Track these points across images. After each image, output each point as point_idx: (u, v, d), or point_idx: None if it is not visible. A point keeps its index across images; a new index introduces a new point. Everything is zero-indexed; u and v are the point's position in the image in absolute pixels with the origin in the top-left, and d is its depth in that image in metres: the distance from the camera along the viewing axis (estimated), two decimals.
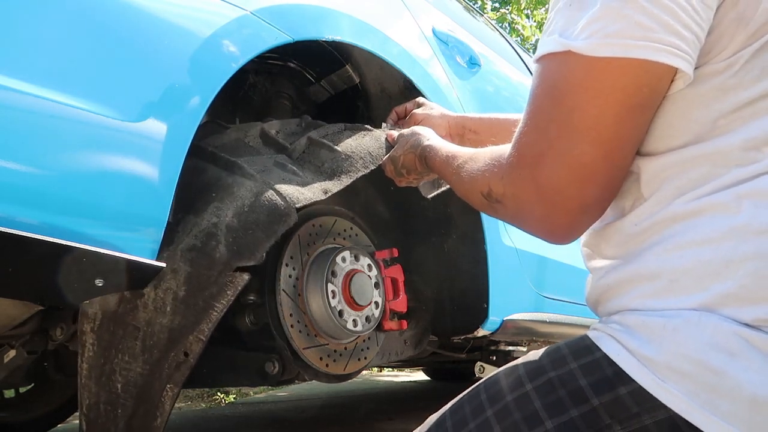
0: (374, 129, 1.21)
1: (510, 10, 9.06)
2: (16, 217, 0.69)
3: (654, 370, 0.53)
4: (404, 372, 4.96)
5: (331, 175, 1.08)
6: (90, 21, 0.78)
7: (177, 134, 0.84)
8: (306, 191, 1.01)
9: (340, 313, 1.16)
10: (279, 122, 1.16)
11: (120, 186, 0.78)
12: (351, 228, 1.31)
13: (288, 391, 3.63)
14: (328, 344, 1.19)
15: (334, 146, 1.10)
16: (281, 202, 0.96)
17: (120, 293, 0.87)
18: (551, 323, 1.78)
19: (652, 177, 0.60)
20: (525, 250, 1.64)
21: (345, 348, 1.23)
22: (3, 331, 1.08)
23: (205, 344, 0.90)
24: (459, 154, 0.86)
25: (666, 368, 0.53)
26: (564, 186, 0.58)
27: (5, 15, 0.71)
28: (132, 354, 0.89)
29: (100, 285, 0.78)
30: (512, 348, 1.91)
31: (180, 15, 0.89)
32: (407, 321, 1.37)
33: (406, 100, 1.33)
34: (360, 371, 1.28)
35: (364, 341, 1.28)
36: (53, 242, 0.71)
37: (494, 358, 1.93)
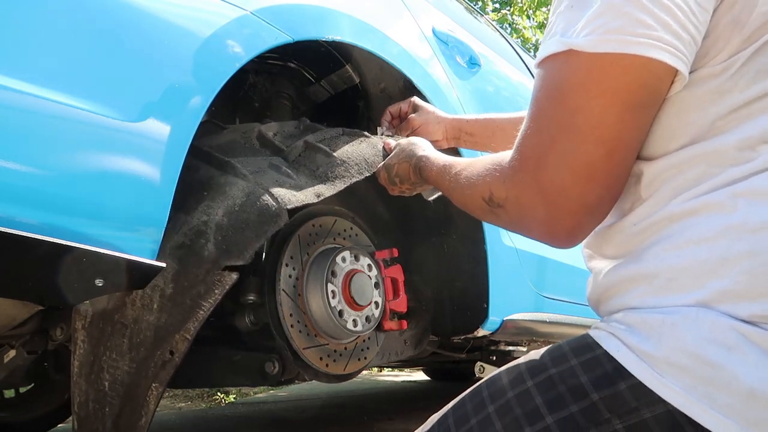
0: (372, 136, 1.21)
1: (511, 12, 9.06)
2: (16, 217, 0.69)
3: (653, 365, 0.54)
4: (404, 372, 4.96)
5: (325, 180, 1.08)
6: (90, 21, 0.78)
7: (177, 134, 0.84)
8: (298, 194, 1.01)
9: (340, 313, 1.16)
10: (277, 124, 1.16)
11: (120, 186, 0.78)
12: (351, 228, 1.31)
13: (288, 391, 3.63)
14: (328, 344, 1.19)
15: (330, 151, 1.10)
16: (272, 203, 0.95)
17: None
18: (551, 323, 1.78)
19: (652, 179, 0.61)
20: (525, 250, 1.64)
21: (345, 348, 1.23)
22: (3, 331, 1.08)
23: (191, 343, 0.89)
24: (456, 163, 0.87)
25: (664, 363, 0.53)
26: (567, 187, 0.58)
27: (5, 15, 0.71)
28: (119, 352, 0.89)
29: (100, 285, 0.78)
30: (512, 348, 1.91)
31: (180, 15, 0.89)
32: (407, 321, 1.38)
33: None
34: (360, 371, 1.28)
35: (364, 341, 1.28)
36: (53, 242, 0.71)
37: (494, 358, 1.93)
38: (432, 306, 1.52)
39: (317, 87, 1.43)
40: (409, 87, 1.36)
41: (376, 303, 1.24)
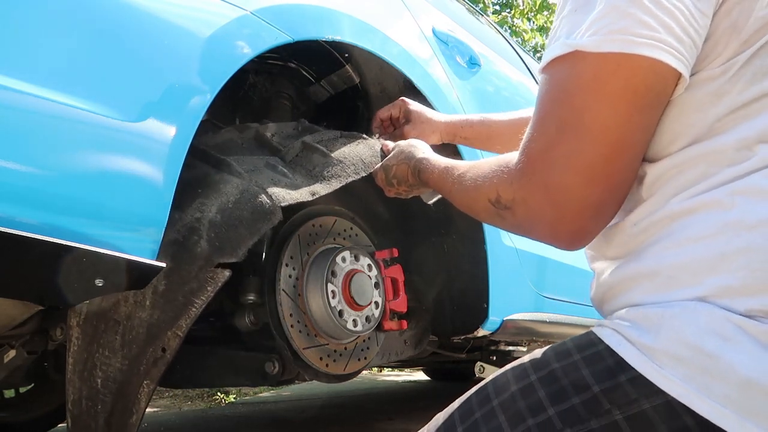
0: (370, 138, 1.21)
1: (512, 14, 9.05)
2: (16, 217, 0.69)
3: (652, 357, 0.55)
4: (404, 372, 4.97)
5: (321, 179, 1.07)
6: (90, 21, 0.78)
7: (177, 134, 0.84)
8: (293, 192, 1.01)
9: (340, 313, 1.16)
10: (275, 125, 1.16)
11: (120, 186, 0.78)
12: (351, 228, 1.31)
13: (288, 391, 3.63)
14: (328, 344, 1.19)
15: (328, 151, 1.10)
16: (266, 200, 0.95)
17: None
18: (551, 323, 1.78)
19: (654, 180, 0.61)
20: (525, 250, 1.64)
21: (345, 348, 1.23)
22: (3, 331, 1.08)
23: (183, 341, 0.89)
24: (458, 165, 0.86)
25: (664, 355, 0.54)
26: (574, 188, 0.59)
27: (6, 15, 0.71)
28: (112, 349, 0.88)
29: (100, 285, 0.78)
30: (512, 348, 1.92)
31: (180, 15, 0.89)
32: (407, 321, 1.38)
33: None
34: (360, 371, 1.28)
35: (364, 341, 1.28)
36: (53, 242, 0.71)
37: (494, 358, 1.94)
38: (432, 306, 1.52)
39: (317, 87, 1.43)
40: (409, 87, 1.36)
41: (376, 303, 1.24)
